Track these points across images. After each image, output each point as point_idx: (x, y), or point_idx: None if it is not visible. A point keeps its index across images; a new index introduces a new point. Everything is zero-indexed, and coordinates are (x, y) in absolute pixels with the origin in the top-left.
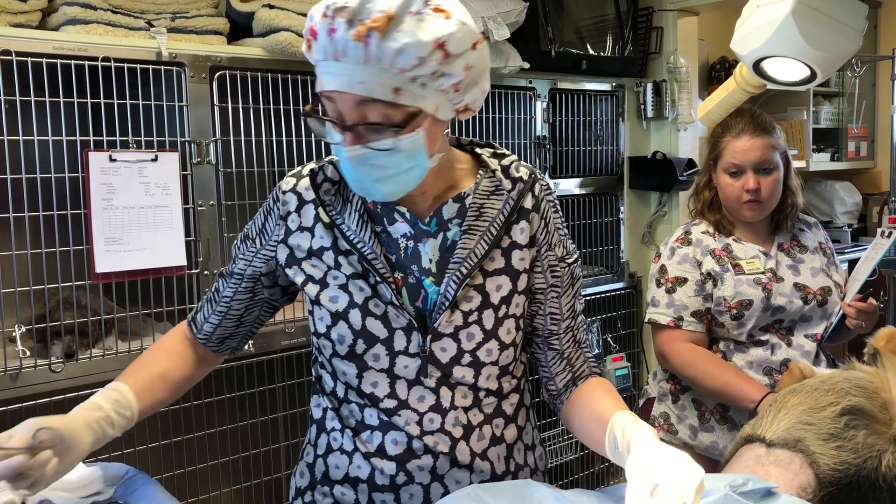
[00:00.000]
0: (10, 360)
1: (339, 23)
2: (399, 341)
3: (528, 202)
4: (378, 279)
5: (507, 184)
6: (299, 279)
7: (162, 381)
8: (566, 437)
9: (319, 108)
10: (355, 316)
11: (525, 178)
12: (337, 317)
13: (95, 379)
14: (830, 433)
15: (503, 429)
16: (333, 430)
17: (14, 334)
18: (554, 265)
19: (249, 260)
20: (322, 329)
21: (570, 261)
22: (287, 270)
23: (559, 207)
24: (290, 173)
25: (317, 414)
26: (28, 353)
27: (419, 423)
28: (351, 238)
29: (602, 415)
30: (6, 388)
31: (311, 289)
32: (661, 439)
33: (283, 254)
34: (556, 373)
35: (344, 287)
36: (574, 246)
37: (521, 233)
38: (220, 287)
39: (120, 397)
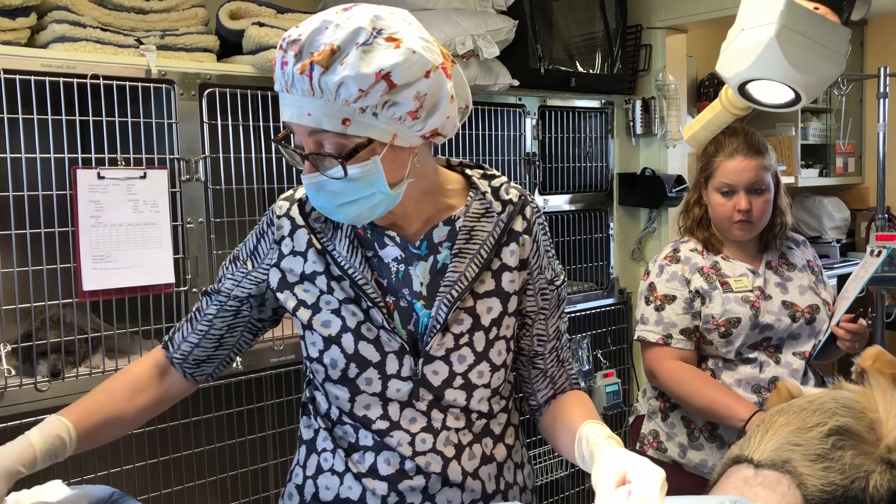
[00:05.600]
0: None
1: (290, 56)
2: (391, 365)
3: (518, 225)
4: (370, 304)
5: (497, 206)
6: (291, 304)
7: (111, 426)
8: (556, 454)
9: (292, 136)
10: (348, 340)
11: (515, 200)
12: (329, 341)
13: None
14: (818, 454)
15: (493, 448)
16: (325, 450)
17: None
18: (544, 288)
19: (238, 281)
20: (314, 354)
21: (557, 283)
22: (278, 294)
23: (547, 228)
24: (283, 196)
25: (307, 435)
26: (13, 372)
27: (411, 444)
28: (342, 264)
29: (572, 425)
30: None
31: (304, 314)
32: (650, 457)
33: (274, 278)
34: (538, 389)
35: (336, 312)
36: (560, 267)
37: (511, 255)
38: (203, 306)
39: (59, 444)
